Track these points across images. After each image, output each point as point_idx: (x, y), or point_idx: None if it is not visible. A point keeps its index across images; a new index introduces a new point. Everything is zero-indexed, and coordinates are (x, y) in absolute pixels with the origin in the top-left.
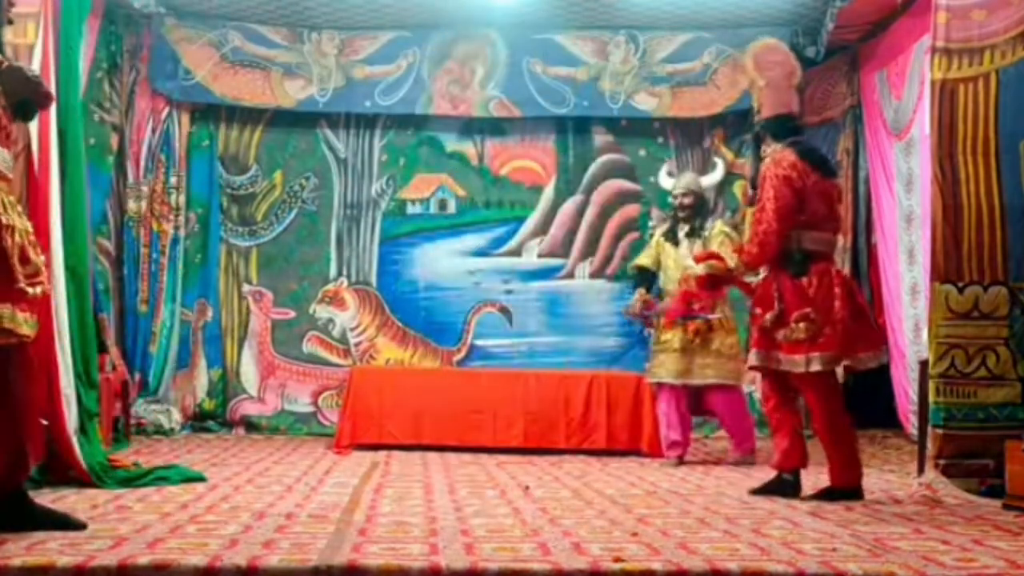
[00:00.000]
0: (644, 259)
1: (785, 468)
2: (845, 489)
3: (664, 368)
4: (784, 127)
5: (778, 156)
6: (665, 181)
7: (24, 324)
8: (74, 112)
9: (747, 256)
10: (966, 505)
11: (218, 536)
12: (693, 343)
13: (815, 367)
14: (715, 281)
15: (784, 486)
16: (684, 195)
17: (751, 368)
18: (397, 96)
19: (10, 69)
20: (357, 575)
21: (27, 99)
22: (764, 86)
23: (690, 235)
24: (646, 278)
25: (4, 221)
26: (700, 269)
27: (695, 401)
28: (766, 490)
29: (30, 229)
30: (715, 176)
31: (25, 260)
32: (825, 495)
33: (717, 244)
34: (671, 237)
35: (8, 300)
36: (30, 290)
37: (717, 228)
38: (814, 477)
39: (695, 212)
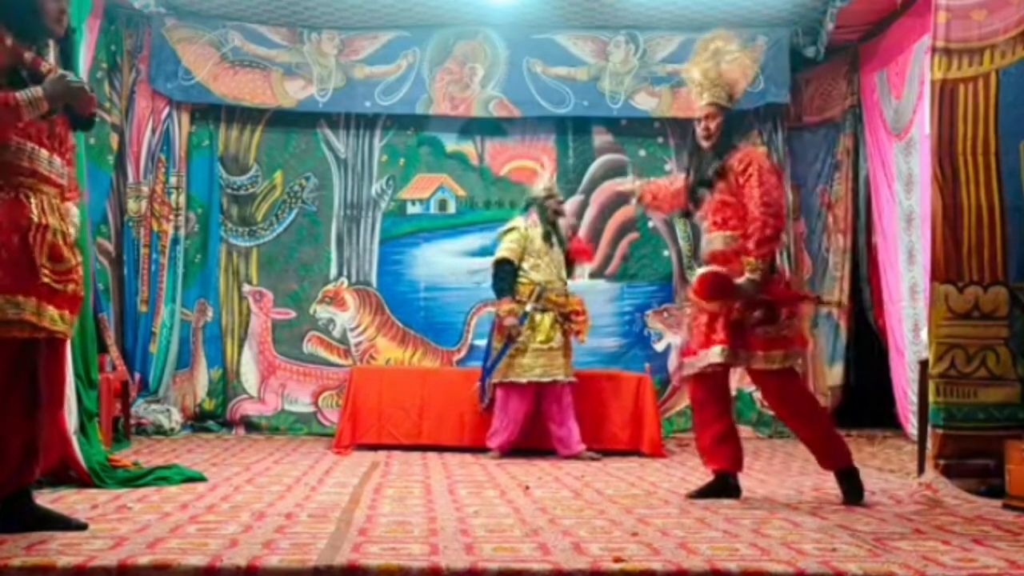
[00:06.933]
0: (508, 252)
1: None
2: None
3: (531, 368)
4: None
5: (757, 150)
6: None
7: (59, 321)
8: None
9: (768, 252)
10: (966, 505)
11: (218, 536)
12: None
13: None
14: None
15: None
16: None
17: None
18: (397, 96)
19: (51, 77)
20: (357, 575)
21: (71, 107)
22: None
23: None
24: (510, 275)
25: (36, 220)
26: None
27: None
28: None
29: (69, 232)
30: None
31: (58, 258)
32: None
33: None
34: (547, 238)
35: (33, 294)
36: (58, 286)
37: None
38: (815, 478)
39: None
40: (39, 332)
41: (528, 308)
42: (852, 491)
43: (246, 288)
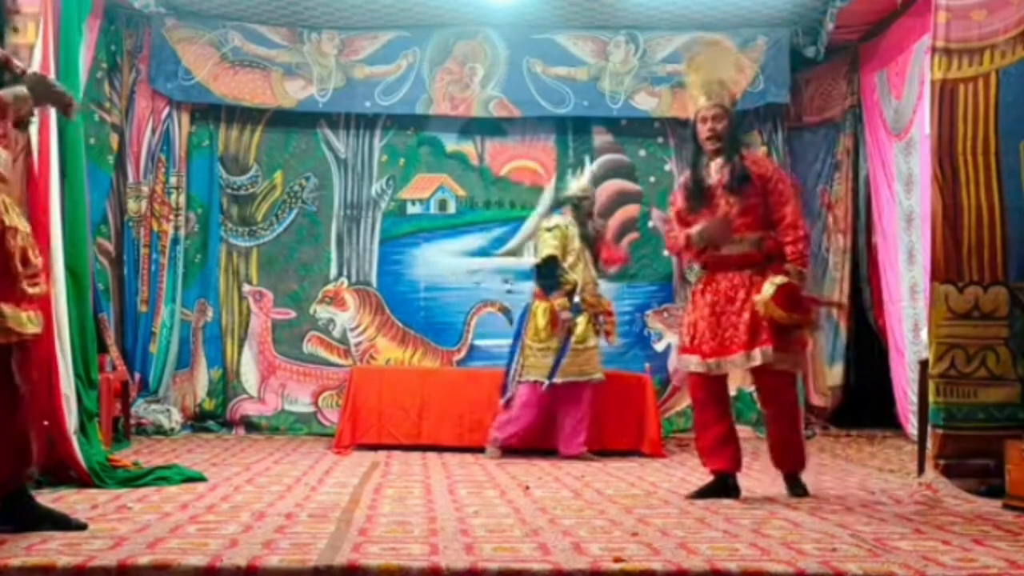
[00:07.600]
0: (553, 249)
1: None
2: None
3: (570, 367)
4: None
5: (762, 155)
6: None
7: (29, 323)
8: None
9: (807, 257)
10: (966, 505)
11: (218, 536)
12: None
13: None
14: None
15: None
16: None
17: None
18: (397, 96)
19: (34, 77)
20: (357, 575)
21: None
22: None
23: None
24: (555, 271)
25: (7, 223)
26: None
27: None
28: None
29: (29, 231)
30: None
31: (26, 262)
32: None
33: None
34: (584, 239)
35: (11, 300)
36: (30, 290)
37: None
38: (814, 478)
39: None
40: (11, 336)
41: (576, 300)
42: (797, 488)
43: (246, 288)
